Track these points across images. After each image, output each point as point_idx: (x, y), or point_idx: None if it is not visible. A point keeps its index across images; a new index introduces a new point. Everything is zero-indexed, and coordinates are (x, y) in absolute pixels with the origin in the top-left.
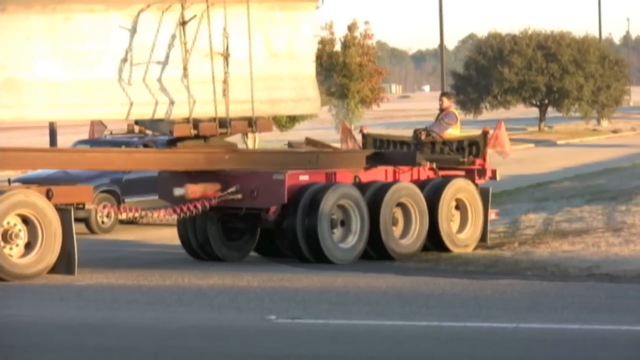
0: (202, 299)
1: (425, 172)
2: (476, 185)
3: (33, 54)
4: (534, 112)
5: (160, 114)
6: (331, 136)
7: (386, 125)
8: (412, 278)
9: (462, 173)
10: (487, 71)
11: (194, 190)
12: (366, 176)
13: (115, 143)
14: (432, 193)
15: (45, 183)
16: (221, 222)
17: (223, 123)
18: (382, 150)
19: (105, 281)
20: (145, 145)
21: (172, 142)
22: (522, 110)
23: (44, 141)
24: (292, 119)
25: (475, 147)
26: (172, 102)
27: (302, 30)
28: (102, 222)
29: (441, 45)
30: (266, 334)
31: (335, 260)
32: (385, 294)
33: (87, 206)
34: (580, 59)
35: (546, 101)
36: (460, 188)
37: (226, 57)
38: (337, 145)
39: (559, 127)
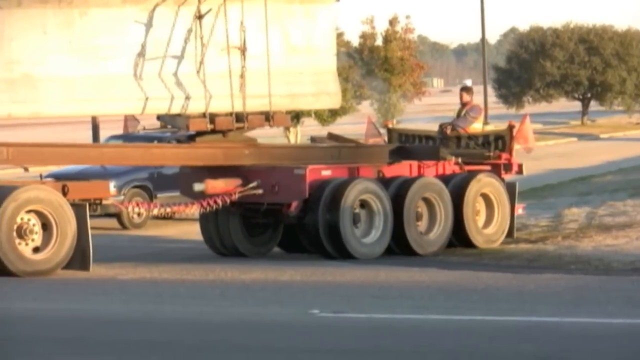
0: (245, 293)
1: (450, 166)
2: (502, 179)
3: (49, 49)
4: (576, 105)
5: (176, 109)
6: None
7: (427, 120)
8: (455, 272)
9: (488, 168)
10: (529, 65)
11: (213, 185)
12: (390, 171)
13: (148, 138)
14: (457, 188)
15: (76, 178)
16: (243, 218)
17: (240, 118)
18: (405, 145)
19: (148, 276)
20: (178, 141)
21: (192, 138)
22: (564, 104)
23: (88, 136)
24: (334, 114)
25: (501, 141)
26: (188, 97)
27: (322, 23)
28: (134, 217)
29: (483, 39)
30: (309, 328)
31: (358, 255)
32: (429, 288)
33: (104, 202)
34: (623, 52)
35: (589, 95)
36: (486, 183)
37: (243, 51)
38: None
39: (601, 120)
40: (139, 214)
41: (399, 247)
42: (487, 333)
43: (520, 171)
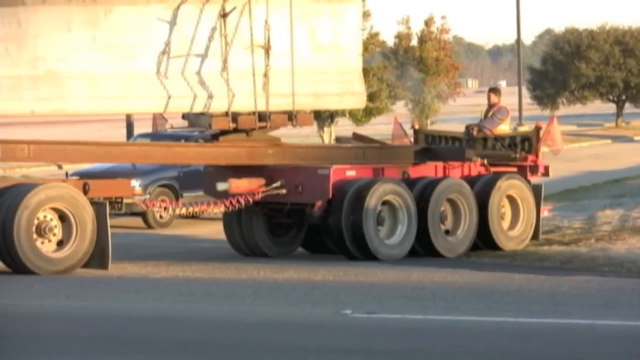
0: (278, 292)
1: (476, 168)
2: (528, 181)
3: (73, 46)
4: (610, 107)
5: (198, 107)
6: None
7: (461, 121)
8: (488, 274)
9: (514, 169)
10: (564, 66)
11: (237, 185)
12: (415, 172)
13: (175, 137)
14: (483, 189)
15: (103, 176)
16: (266, 218)
17: (262, 117)
18: (431, 146)
19: (181, 274)
20: (205, 140)
21: (216, 137)
22: (598, 106)
23: (122, 134)
24: (368, 114)
25: (527, 143)
26: (210, 96)
27: (348, 22)
28: (160, 217)
29: (518, 40)
30: (341, 328)
31: (381, 257)
32: (461, 290)
33: (125, 200)
34: None
35: (623, 97)
36: (511, 185)
37: (267, 49)
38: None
39: (636, 123)
40: (161, 215)
41: (423, 249)
42: (519, 335)
43: (546, 173)
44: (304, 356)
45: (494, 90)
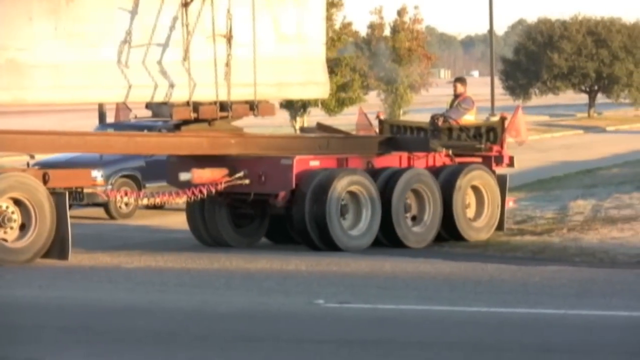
0: (250, 282)
1: (441, 158)
2: (493, 172)
3: (35, 35)
4: (583, 98)
5: (160, 97)
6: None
7: (434, 111)
8: (461, 264)
9: (479, 160)
10: (537, 57)
11: (200, 175)
12: (380, 162)
13: (138, 127)
14: (447, 180)
15: (66, 166)
16: (230, 208)
17: (225, 107)
18: (395, 136)
19: (153, 264)
20: (169, 130)
21: (178, 127)
22: (571, 97)
23: (95, 123)
24: (341, 104)
25: (492, 133)
26: (172, 85)
27: (312, 12)
28: (120, 207)
29: (491, 30)
30: (314, 318)
31: (344, 247)
32: (434, 279)
33: (85, 190)
34: (631, 45)
35: (596, 87)
36: (476, 175)
37: (229, 39)
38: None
39: (608, 113)
40: (121, 206)
41: (387, 239)
42: (492, 324)
43: (511, 164)
44: (277, 346)
45: (460, 80)
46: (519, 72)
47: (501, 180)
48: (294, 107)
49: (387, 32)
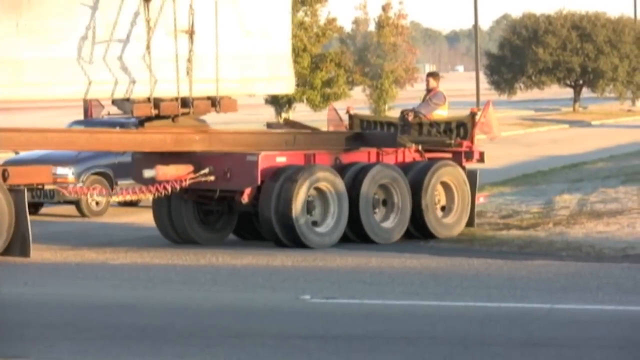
0: (236, 278)
1: (411, 154)
2: (463, 168)
3: None
4: (568, 92)
5: (120, 94)
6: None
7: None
8: (447, 258)
9: (449, 155)
10: (522, 51)
11: (164, 172)
12: (348, 158)
13: (111, 124)
14: (417, 176)
15: (38, 163)
16: (197, 205)
17: (187, 103)
18: (363, 132)
19: (139, 260)
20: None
21: (142, 123)
22: (556, 91)
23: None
24: (326, 99)
25: (463, 128)
26: (133, 81)
27: (277, 6)
28: (93, 205)
29: (475, 25)
30: (300, 313)
31: (311, 244)
32: (420, 274)
33: (46, 187)
34: (616, 39)
35: (581, 82)
36: (445, 171)
37: (191, 34)
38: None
39: (593, 107)
40: (97, 202)
41: (355, 235)
42: (478, 319)
43: (481, 159)
44: (263, 341)
45: (433, 74)
46: (504, 66)
47: (471, 176)
48: (279, 103)
49: (371, 27)
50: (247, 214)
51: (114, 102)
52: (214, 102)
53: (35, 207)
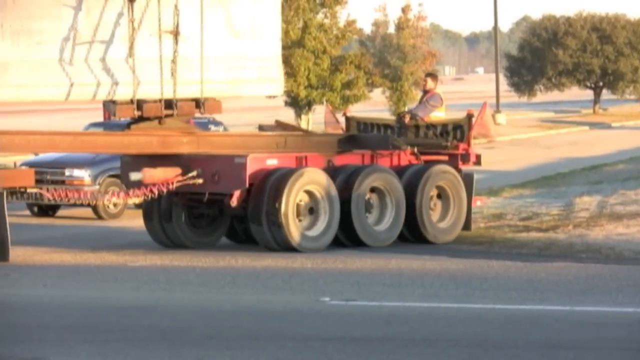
0: (256, 280)
1: (406, 157)
2: (459, 170)
3: None
4: (588, 94)
5: (103, 95)
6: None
7: None
8: (466, 260)
9: (445, 158)
10: (542, 53)
11: (151, 174)
12: (341, 160)
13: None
14: (411, 179)
15: (53, 166)
16: (187, 208)
17: (171, 104)
18: (356, 134)
19: (159, 262)
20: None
21: (129, 125)
22: (576, 93)
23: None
24: (346, 101)
25: (459, 131)
26: (116, 83)
27: (267, 7)
28: (110, 207)
29: (495, 27)
30: (320, 315)
31: (302, 249)
32: (439, 277)
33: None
34: (636, 41)
35: (601, 83)
36: (440, 174)
37: (176, 35)
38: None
39: (613, 109)
40: (115, 204)
41: (348, 239)
42: (497, 321)
43: (478, 162)
44: (283, 344)
45: (431, 75)
46: (524, 68)
47: (467, 179)
48: (299, 105)
49: (391, 29)
50: (240, 217)
51: (104, 104)
52: (198, 104)
53: (52, 210)
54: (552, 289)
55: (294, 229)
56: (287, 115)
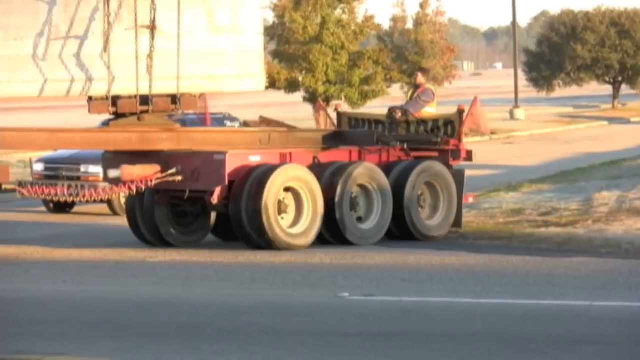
0: (275, 276)
1: (396, 153)
2: (450, 166)
3: None
4: (607, 89)
5: (77, 91)
6: None
7: (458, 103)
8: (485, 256)
9: (435, 154)
10: (560, 48)
11: (130, 172)
12: (327, 157)
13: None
14: (400, 176)
15: (68, 162)
16: (170, 206)
17: (147, 100)
18: (342, 130)
19: (178, 258)
20: (183, 124)
21: (108, 123)
22: (595, 88)
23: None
24: (364, 97)
25: (450, 126)
26: (90, 79)
27: (248, 1)
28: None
29: (514, 22)
30: (339, 311)
31: (283, 246)
32: (458, 272)
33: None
34: None
35: (620, 78)
36: (430, 171)
37: (152, 30)
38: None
39: (632, 104)
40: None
41: (333, 237)
42: (516, 316)
43: (469, 158)
44: (302, 339)
45: (422, 70)
46: (543, 63)
47: (458, 175)
48: (317, 101)
49: (409, 24)
50: (225, 214)
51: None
52: (174, 100)
53: (68, 206)
54: (572, 284)
55: (276, 227)
56: (306, 111)
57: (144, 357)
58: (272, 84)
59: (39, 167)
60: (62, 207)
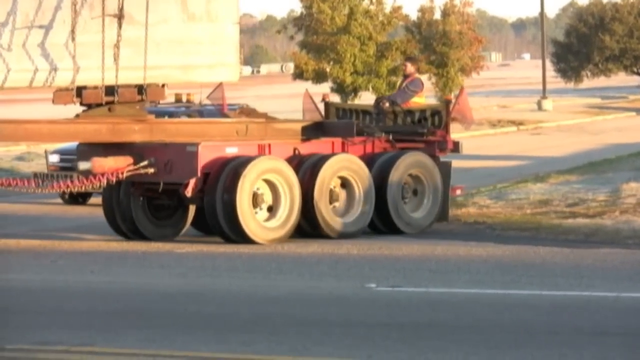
0: (302, 267)
1: (381, 144)
2: (436, 158)
3: None
4: (635, 80)
5: (41, 81)
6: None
7: (485, 94)
8: (512, 247)
9: (422, 145)
10: (588, 39)
11: (101, 164)
12: (308, 148)
13: (160, 113)
14: (383, 168)
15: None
16: (147, 199)
17: (112, 90)
18: (322, 121)
19: (205, 249)
20: (189, 116)
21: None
22: (623, 79)
23: None
24: (392, 87)
25: (438, 117)
26: (54, 69)
27: None
28: None
29: (542, 13)
30: (366, 302)
31: (259, 240)
32: (486, 263)
33: None
34: None
35: None
36: (413, 162)
37: (119, 18)
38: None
39: None
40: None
41: (312, 229)
42: (544, 308)
43: (456, 149)
44: (329, 330)
45: (411, 59)
46: (571, 54)
47: (444, 167)
48: (345, 91)
49: (437, 15)
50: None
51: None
52: (140, 90)
53: (83, 197)
54: (599, 275)
55: (251, 220)
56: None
57: (171, 348)
58: (300, 74)
59: (54, 158)
60: (76, 199)
